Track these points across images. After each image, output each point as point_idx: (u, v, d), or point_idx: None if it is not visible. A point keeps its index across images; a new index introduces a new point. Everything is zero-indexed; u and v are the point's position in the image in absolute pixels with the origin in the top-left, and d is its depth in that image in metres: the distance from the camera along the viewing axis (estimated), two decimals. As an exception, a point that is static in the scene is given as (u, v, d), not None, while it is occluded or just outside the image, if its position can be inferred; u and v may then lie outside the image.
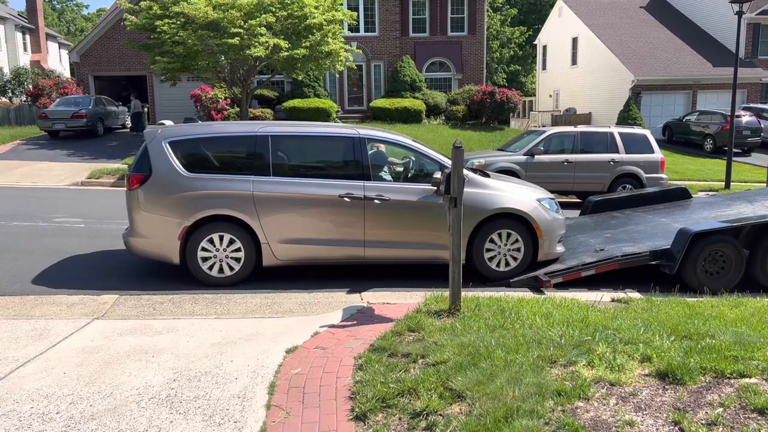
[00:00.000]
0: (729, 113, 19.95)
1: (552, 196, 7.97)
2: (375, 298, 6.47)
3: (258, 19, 18.85)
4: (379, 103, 26.36)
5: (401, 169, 7.76)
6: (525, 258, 7.35)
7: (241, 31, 18.61)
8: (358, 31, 28.11)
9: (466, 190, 6.68)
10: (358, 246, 7.08)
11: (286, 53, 19.23)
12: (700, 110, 26.88)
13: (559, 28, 35.78)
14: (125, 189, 7.16)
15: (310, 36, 19.78)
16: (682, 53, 30.13)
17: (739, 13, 18.26)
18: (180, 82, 22.65)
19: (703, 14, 32.64)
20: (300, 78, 23.70)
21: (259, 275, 7.15)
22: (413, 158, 7.56)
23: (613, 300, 6.54)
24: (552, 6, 39.56)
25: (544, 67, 39.06)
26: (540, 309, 5.61)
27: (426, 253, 7.22)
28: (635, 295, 6.79)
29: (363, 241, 7.05)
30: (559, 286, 7.12)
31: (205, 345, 5.03)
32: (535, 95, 40.68)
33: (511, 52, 48.49)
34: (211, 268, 6.92)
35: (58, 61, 46.55)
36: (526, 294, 6.72)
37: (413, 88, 27.24)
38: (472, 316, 5.40)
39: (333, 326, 5.47)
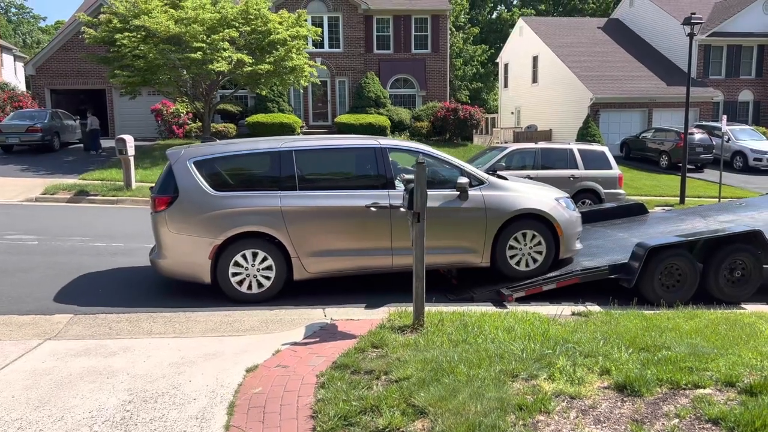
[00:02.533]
0: (683, 131, 20.61)
1: (567, 194, 8.14)
2: (339, 314, 6.42)
3: (221, 33, 18.75)
4: (344, 118, 26.41)
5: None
6: (547, 256, 7.49)
7: (204, 45, 18.47)
8: (323, 47, 28.19)
9: (490, 192, 7.35)
10: (386, 254, 7.12)
11: (249, 68, 19.16)
12: (656, 128, 27.72)
13: (520, 47, 36.56)
14: (150, 211, 7.13)
15: (274, 51, 19.76)
16: (638, 72, 31.10)
17: (691, 35, 18.97)
18: (140, 96, 22.30)
19: (657, 35, 33.82)
20: (264, 93, 23.61)
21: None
22: (435, 165, 7.58)
23: (573, 313, 6.62)
24: (513, 25, 40.45)
25: (505, 85, 39.79)
26: (502, 323, 5.65)
27: (453, 258, 7.36)
28: (595, 308, 6.90)
29: (390, 249, 7.09)
30: (522, 300, 7.19)
31: (163, 365, 4.90)
32: (497, 112, 41.35)
33: (474, 70, 49.27)
34: (242, 284, 6.88)
35: (13, 74, 45.28)
36: (489, 308, 6.76)
37: (378, 104, 27.40)
38: (435, 331, 5.40)
39: (295, 344, 5.40)
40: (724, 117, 19.67)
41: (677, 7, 32.54)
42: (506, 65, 39.43)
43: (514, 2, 55.87)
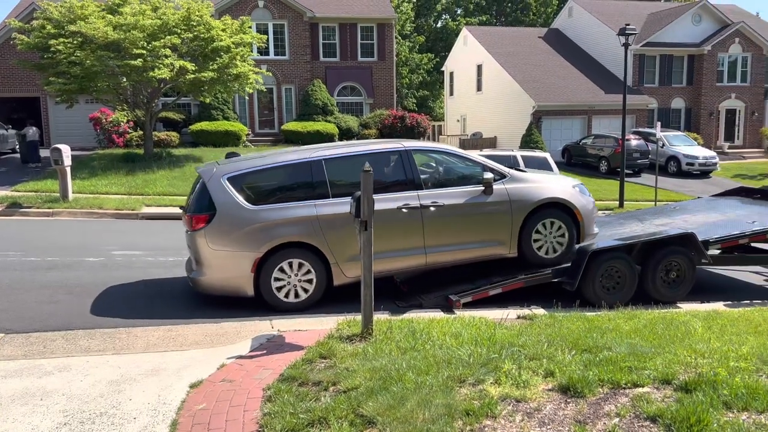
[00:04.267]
0: (621, 137, 21.40)
1: (580, 181, 8.45)
2: (286, 325, 6.33)
3: (162, 40, 18.30)
4: (291, 126, 26.22)
5: (446, 174, 7.89)
6: (570, 242, 7.76)
7: (144, 52, 17.98)
8: (268, 55, 27.92)
9: (513, 185, 7.62)
10: (419, 253, 7.34)
11: (192, 75, 18.75)
12: (595, 134, 28.68)
13: (465, 56, 37.21)
14: (186, 230, 7.17)
15: (217, 58, 19.40)
16: (578, 81, 32.14)
17: (626, 45, 19.76)
18: (77, 104, 21.47)
19: (594, 45, 35.07)
20: (208, 101, 23.15)
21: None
22: (458, 163, 7.88)
23: (519, 317, 6.74)
24: (458, 35, 41.12)
25: (451, 93, 40.40)
26: (450, 329, 5.69)
27: (482, 252, 7.59)
28: (540, 311, 7.03)
29: (424, 247, 7.32)
30: (469, 305, 7.27)
31: (102, 383, 4.71)
32: (443, 120, 41.96)
33: (420, 78, 49.81)
34: (285, 294, 6.98)
35: (-62, 80, 42.89)
36: (437, 314, 6.80)
37: (325, 112, 27.32)
38: (384, 339, 5.39)
39: (241, 357, 5.29)
40: (659, 123, 20.53)
41: (613, 18, 33.85)
42: (451, 74, 40.05)
43: (459, 12, 56.84)
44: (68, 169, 15.41)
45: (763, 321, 6.74)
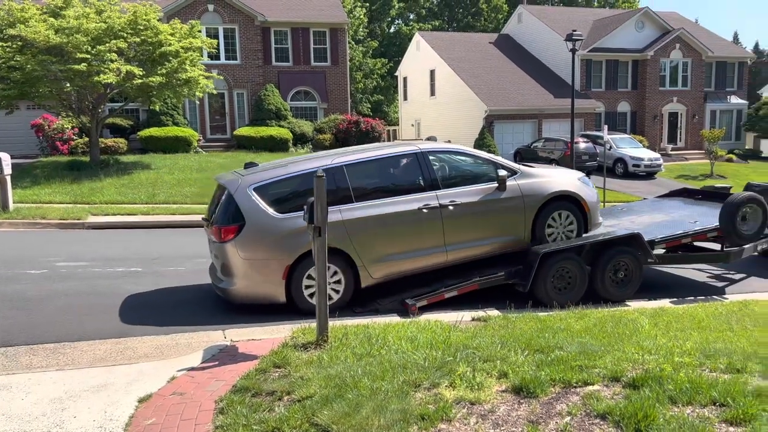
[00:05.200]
0: (570, 140, 21.94)
1: (584, 173, 8.85)
2: (240, 335, 6.22)
3: (107, 44, 17.79)
4: (244, 131, 25.88)
5: (461, 174, 8.06)
6: (579, 231, 8.18)
7: (89, 56, 17.45)
8: (219, 59, 27.50)
9: (524, 181, 7.95)
10: (440, 251, 7.57)
11: (140, 80, 18.27)
12: (546, 137, 29.34)
13: (418, 61, 37.53)
14: (215, 242, 7.15)
15: (166, 63, 18.97)
16: (528, 85, 32.84)
17: (573, 51, 20.28)
18: (18, 110, 20.64)
19: (543, 50, 35.91)
20: (157, 106, 22.62)
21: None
22: (471, 162, 8.12)
23: (473, 319, 6.81)
24: (411, 40, 41.44)
25: (405, 98, 40.65)
26: (406, 333, 5.70)
27: (498, 246, 7.88)
28: (494, 312, 7.12)
29: (444, 245, 7.55)
30: (425, 309, 7.30)
31: (44, 401, 4.51)
32: (398, 124, 42.17)
33: (375, 83, 49.98)
34: (314, 297, 6.77)
35: None
36: (393, 319, 6.80)
37: (279, 117, 27.07)
38: (339, 345, 5.35)
39: (192, 369, 5.16)
40: (606, 126, 21.15)
41: (561, 24, 34.75)
42: (405, 78, 40.31)
43: (411, 17, 57.31)
44: (8, 178, 14.79)
45: (706, 317, 7.01)
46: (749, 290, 9.10)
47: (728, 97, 37.28)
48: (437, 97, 35.33)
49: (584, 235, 8.57)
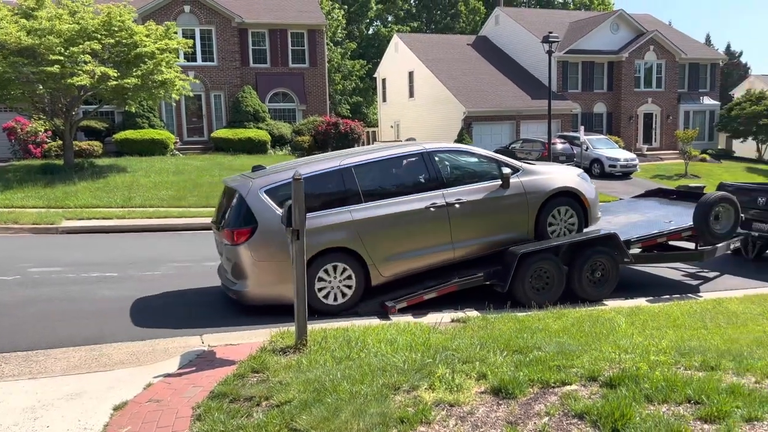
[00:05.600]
0: (547, 141, 22.14)
1: (582, 170, 9.06)
2: (217, 340, 6.16)
3: (81, 46, 17.50)
4: (221, 133, 25.66)
5: (465, 172, 8.24)
6: (580, 226, 8.39)
7: (62, 58, 17.15)
8: (196, 61, 27.25)
9: (526, 178, 8.10)
10: (447, 248, 7.72)
11: (115, 82, 18.00)
12: (524, 138, 29.56)
13: (397, 63, 37.58)
14: (228, 244, 7.16)
15: (141, 65, 18.72)
16: (506, 87, 33.08)
17: (550, 52, 20.49)
18: (-11, 112, 20.24)
19: (521, 52, 36.21)
20: (133, 108, 22.31)
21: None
22: (475, 161, 8.32)
23: (453, 320, 6.82)
24: (389, 41, 41.48)
25: (384, 99, 40.69)
26: (385, 335, 5.69)
27: (500, 242, 7.99)
28: (473, 313, 7.15)
29: (451, 242, 7.71)
30: (405, 311, 7.30)
31: (16, 411, 4.41)
32: (377, 126, 42.17)
33: (354, 84, 49.94)
34: (327, 297, 7.23)
35: None
36: (373, 321, 6.79)
37: (257, 119, 26.89)
38: (318, 349, 5.32)
39: (169, 375, 5.09)
40: (582, 128, 21.43)
41: (537, 26, 35.10)
42: (384, 80, 40.34)
43: (390, 19, 57.39)
44: (-21, 182, 14.46)
45: (681, 315, 7.12)
46: (723, 288, 9.27)
47: (701, 98, 37.96)
48: (416, 99, 35.41)
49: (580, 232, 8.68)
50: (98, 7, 19.45)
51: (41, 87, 17.96)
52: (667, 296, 8.50)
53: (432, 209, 7.57)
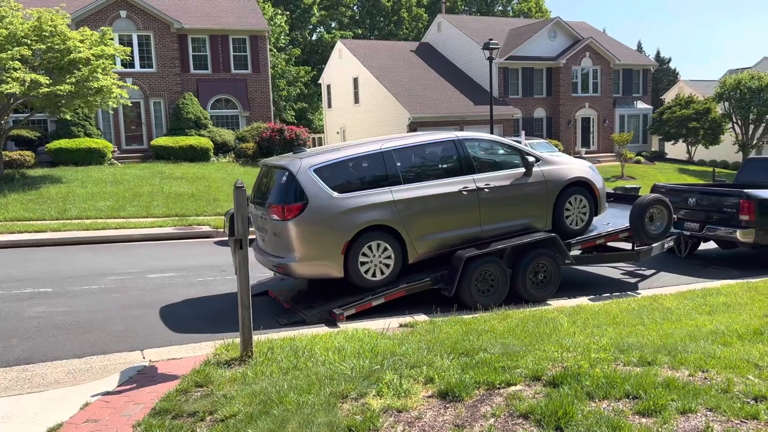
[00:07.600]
0: (490, 145, 22.51)
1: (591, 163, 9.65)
2: (159, 354, 5.96)
3: (10, 52, 16.74)
4: (162, 141, 24.97)
5: (493, 160, 8.69)
6: (590, 215, 9.00)
7: (-10, 64, 16.36)
8: (134, 67, 26.47)
9: (546, 168, 8.67)
10: (476, 228, 8.21)
11: (47, 89, 17.28)
12: (468, 143, 30.00)
13: (341, 69, 37.56)
14: (276, 219, 7.39)
15: (75, 71, 18.04)
16: (449, 93, 33.56)
17: (490, 59, 20.92)
18: None
19: (463, 58, 36.82)
20: (68, 116, 21.44)
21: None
22: (501, 150, 8.80)
23: (401, 325, 6.83)
24: (333, 47, 41.43)
25: (329, 105, 40.58)
26: (333, 343, 5.64)
27: (523, 225, 8.53)
28: (421, 317, 7.19)
29: (480, 223, 8.21)
30: (353, 318, 7.26)
31: (-61, 440, 4.14)
32: (323, 132, 41.99)
33: (298, 90, 49.57)
34: (367, 272, 7.59)
35: None
36: (321, 329, 6.73)
37: (198, 126, 26.33)
38: (264, 360, 5.23)
39: (108, 393, 4.89)
40: (523, 132, 21.94)
41: (478, 33, 35.78)
42: (329, 86, 40.24)
43: (333, 25, 57.34)
44: None
45: (620, 312, 7.36)
46: (659, 284, 9.65)
47: (635, 102, 39.58)
48: (361, 105, 35.47)
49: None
50: (28, 11, 18.65)
51: (-34, 95, 17.06)
52: (608, 294, 8.77)
53: (464, 192, 8.06)
